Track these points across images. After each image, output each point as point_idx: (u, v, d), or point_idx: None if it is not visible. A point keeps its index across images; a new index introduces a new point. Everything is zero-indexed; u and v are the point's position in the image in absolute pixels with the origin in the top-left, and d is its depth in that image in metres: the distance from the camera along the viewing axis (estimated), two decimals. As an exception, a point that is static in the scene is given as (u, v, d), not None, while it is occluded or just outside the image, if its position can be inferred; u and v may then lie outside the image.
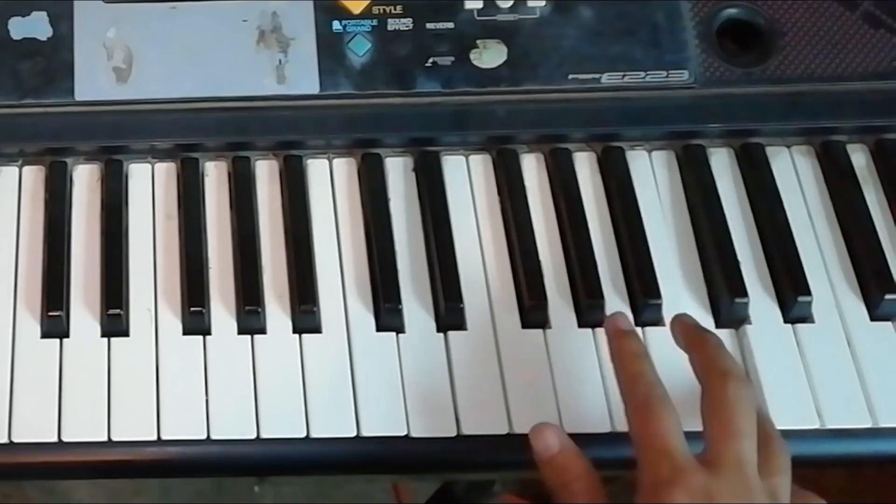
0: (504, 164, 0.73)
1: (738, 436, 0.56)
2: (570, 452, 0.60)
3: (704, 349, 0.60)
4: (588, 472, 0.59)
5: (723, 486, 0.55)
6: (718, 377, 0.58)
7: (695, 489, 0.55)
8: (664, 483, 0.55)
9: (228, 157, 0.73)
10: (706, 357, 0.60)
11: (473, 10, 0.74)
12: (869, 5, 0.75)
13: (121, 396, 0.64)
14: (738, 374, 0.58)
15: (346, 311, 0.68)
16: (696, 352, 0.61)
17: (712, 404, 0.57)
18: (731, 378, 0.58)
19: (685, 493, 0.55)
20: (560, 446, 0.60)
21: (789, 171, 0.74)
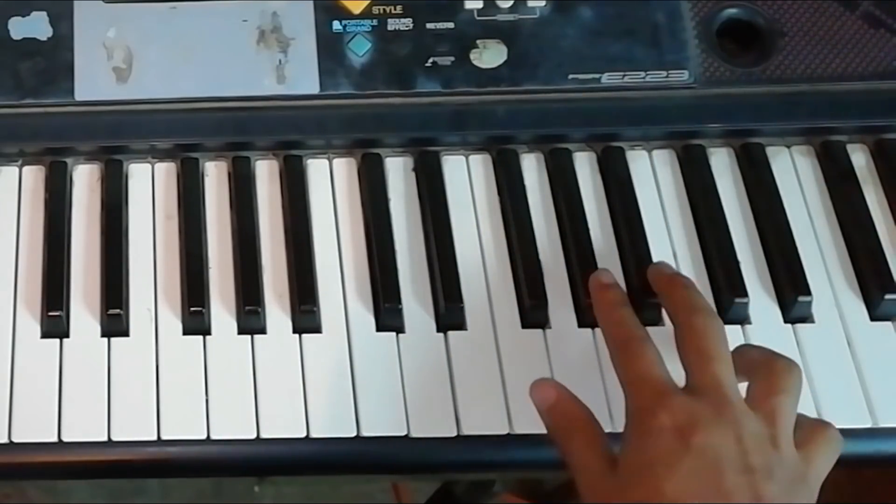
0: (504, 164, 0.73)
1: (711, 359, 0.58)
2: (567, 401, 0.61)
3: (675, 290, 0.64)
4: (587, 419, 0.61)
5: (703, 404, 0.57)
6: (687, 311, 0.61)
7: (677, 410, 0.56)
8: (648, 408, 0.57)
9: (228, 157, 0.73)
10: (676, 296, 0.63)
11: (473, 10, 0.74)
12: (869, 5, 0.75)
13: (121, 396, 0.64)
14: (705, 308, 0.61)
15: (346, 311, 0.68)
16: (667, 293, 0.64)
17: (684, 337, 0.60)
18: (699, 311, 0.61)
19: (668, 415, 0.56)
20: (558, 396, 0.62)
21: (789, 171, 0.74)
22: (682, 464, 0.55)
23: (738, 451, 0.55)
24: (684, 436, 0.55)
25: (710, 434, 0.55)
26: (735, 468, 0.54)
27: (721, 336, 0.60)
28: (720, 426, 0.55)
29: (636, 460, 0.56)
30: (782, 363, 0.60)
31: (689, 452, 0.55)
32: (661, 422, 0.56)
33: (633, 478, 0.56)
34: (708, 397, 0.57)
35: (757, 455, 0.55)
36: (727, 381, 0.58)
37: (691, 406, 0.56)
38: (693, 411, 0.56)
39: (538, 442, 0.64)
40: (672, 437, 0.55)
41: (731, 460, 0.55)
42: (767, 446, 0.56)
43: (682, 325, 0.61)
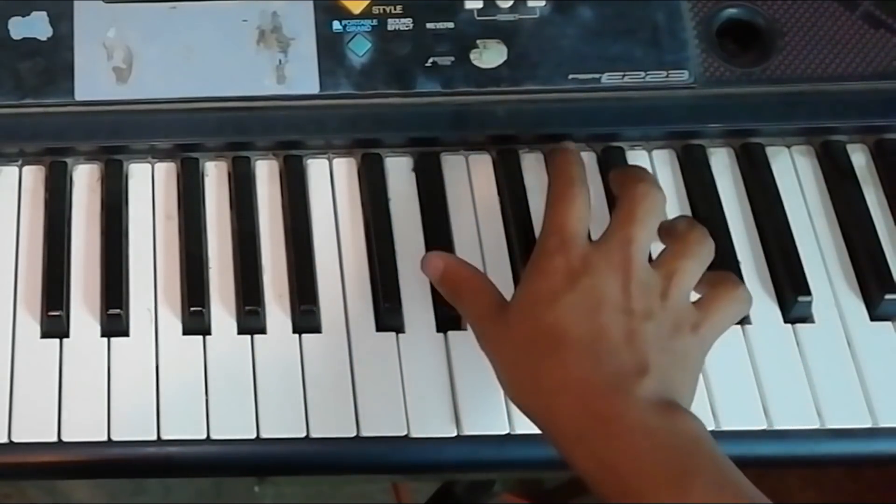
0: (504, 164, 0.73)
1: (632, 221, 0.60)
2: (454, 265, 0.65)
3: (628, 169, 0.66)
4: (473, 275, 0.64)
5: (602, 255, 0.59)
6: (631, 181, 0.62)
7: (574, 256, 0.59)
8: (547, 251, 0.60)
9: (228, 157, 0.73)
10: (625, 172, 0.64)
11: (473, 10, 0.74)
12: (869, 5, 0.75)
13: (121, 396, 0.64)
14: (650, 180, 0.62)
15: (346, 311, 0.68)
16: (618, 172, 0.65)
17: (619, 202, 0.62)
18: (643, 181, 0.62)
19: (564, 259, 0.59)
20: (445, 263, 0.64)
21: (789, 171, 0.74)
22: (565, 298, 0.58)
23: (622, 296, 0.58)
24: (573, 276, 0.58)
25: (597, 277, 0.58)
26: (614, 307, 0.57)
27: (656, 206, 0.61)
28: (610, 273, 0.58)
29: (524, 296, 0.60)
30: (697, 233, 0.62)
31: (573, 290, 0.58)
32: (555, 263, 0.59)
33: (518, 313, 0.59)
34: (612, 249, 0.59)
35: (639, 301, 0.58)
36: (639, 243, 0.59)
37: (590, 255, 0.59)
38: (589, 258, 0.59)
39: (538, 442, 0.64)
40: (561, 277, 0.58)
41: (612, 301, 0.57)
42: (654, 295, 0.58)
43: (622, 192, 0.62)
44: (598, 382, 0.56)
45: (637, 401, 0.55)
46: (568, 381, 0.57)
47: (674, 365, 0.57)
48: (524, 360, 0.59)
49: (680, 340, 0.58)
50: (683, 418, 0.55)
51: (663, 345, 0.57)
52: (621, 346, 0.57)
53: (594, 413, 0.55)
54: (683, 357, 0.58)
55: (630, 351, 0.56)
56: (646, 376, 0.56)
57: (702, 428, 0.55)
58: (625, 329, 0.57)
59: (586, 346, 0.57)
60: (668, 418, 0.55)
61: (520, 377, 0.59)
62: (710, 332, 0.59)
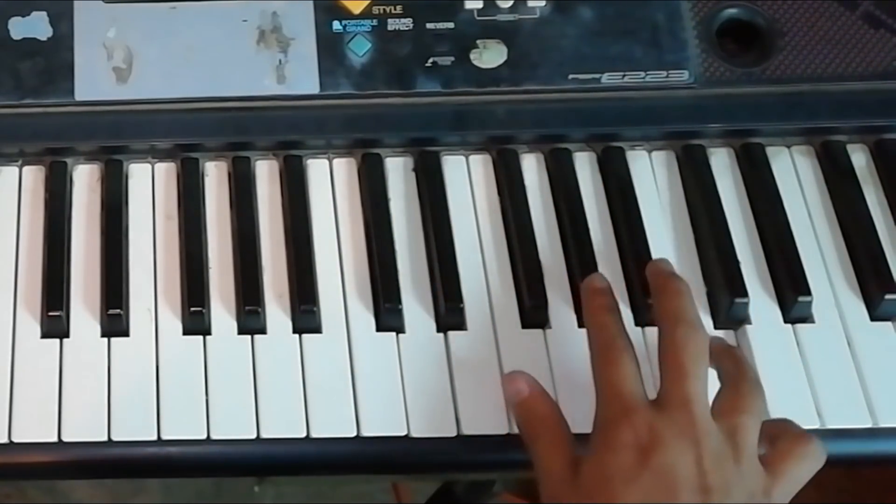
0: (504, 164, 0.73)
1: (685, 375, 0.58)
2: (538, 398, 0.62)
3: (667, 295, 0.63)
4: (555, 419, 0.61)
5: (667, 422, 0.57)
6: (671, 321, 0.60)
7: (640, 425, 0.57)
8: (613, 421, 0.58)
9: (228, 157, 0.73)
10: (666, 302, 0.62)
11: (473, 10, 0.74)
12: (869, 5, 0.75)
13: (121, 396, 0.64)
14: (689, 319, 0.60)
15: (346, 311, 0.68)
16: (659, 296, 0.63)
17: (664, 348, 0.60)
18: (682, 322, 0.60)
19: (630, 430, 0.57)
20: (530, 391, 0.62)
21: (789, 171, 0.74)
22: (640, 481, 0.55)
23: (696, 471, 0.55)
24: (645, 454, 0.56)
25: (669, 453, 0.56)
26: (691, 488, 0.55)
27: (700, 351, 0.59)
28: (681, 446, 0.56)
29: (597, 472, 0.57)
30: (749, 385, 0.60)
31: (647, 470, 0.55)
32: (624, 437, 0.57)
33: (591, 489, 0.57)
34: (674, 414, 0.57)
35: (715, 475, 0.55)
36: (696, 398, 0.57)
37: (656, 423, 0.57)
38: (656, 429, 0.56)
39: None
40: (633, 454, 0.56)
41: (688, 480, 0.55)
42: (728, 464, 0.56)
43: (664, 333, 0.60)
44: None
45: None
46: None
47: None
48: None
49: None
50: None
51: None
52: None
53: None
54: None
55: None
56: None
57: None
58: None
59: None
60: None
61: None
62: (781, 495, 0.58)
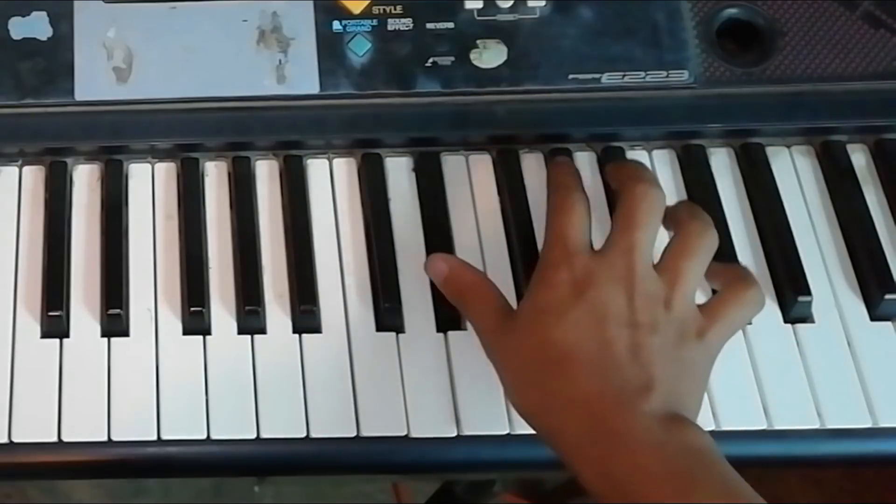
0: (504, 164, 0.73)
1: (634, 226, 0.60)
2: (459, 268, 0.65)
3: (624, 167, 0.65)
4: (479, 280, 0.64)
5: (606, 265, 0.59)
6: (631, 180, 0.62)
7: (578, 268, 0.59)
8: (552, 263, 0.60)
9: (228, 157, 0.73)
10: (624, 171, 0.64)
11: (473, 10, 0.74)
12: (869, 5, 0.75)
13: (121, 396, 0.64)
14: (648, 179, 0.63)
15: (346, 311, 0.68)
16: (618, 168, 0.66)
17: (619, 203, 0.62)
18: (644, 180, 0.62)
19: (568, 271, 0.59)
20: (450, 266, 0.65)
21: (789, 171, 0.74)
22: (571, 313, 0.58)
23: (627, 308, 0.58)
24: (578, 290, 0.58)
25: (602, 290, 0.58)
26: (619, 321, 0.57)
27: (655, 207, 0.61)
28: (615, 285, 0.58)
29: (530, 309, 0.60)
30: (697, 225, 0.61)
31: (579, 304, 0.58)
32: (560, 275, 0.59)
33: (524, 325, 0.59)
34: (615, 259, 0.59)
35: (644, 313, 0.58)
36: (640, 248, 0.59)
37: (594, 266, 0.59)
38: (594, 271, 0.59)
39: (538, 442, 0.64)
40: (567, 290, 0.59)
41: (617, 314, 0.58)
42: (658, 306, 0.58)
43: (622, 191, 0.62)
44: (604, 398, 0.56)
45: (643, 416, 0.55)
46: (575, 398, 0.57)
47: (680, 376, 0.57)
48: (530, 373, 0.59)
49: (685, 350, 0.58)
50: (689, 431, 0.55)
51: (669, 356, 0.57)
52: (627, 361, 0.57)
53: (601, 429, 0.56)
54: (690, 366, 0.58)
55: (636, 366, 0.57)
56: (652, 391, 0.56)
57: (708, 441, 0.55)
58: (630, 343, 0.57)
59: (592, 362, 0.57)
60: (675, 432, 0.55)
61: (525, 389, 0.59)
62: (716, 337, 0.59)
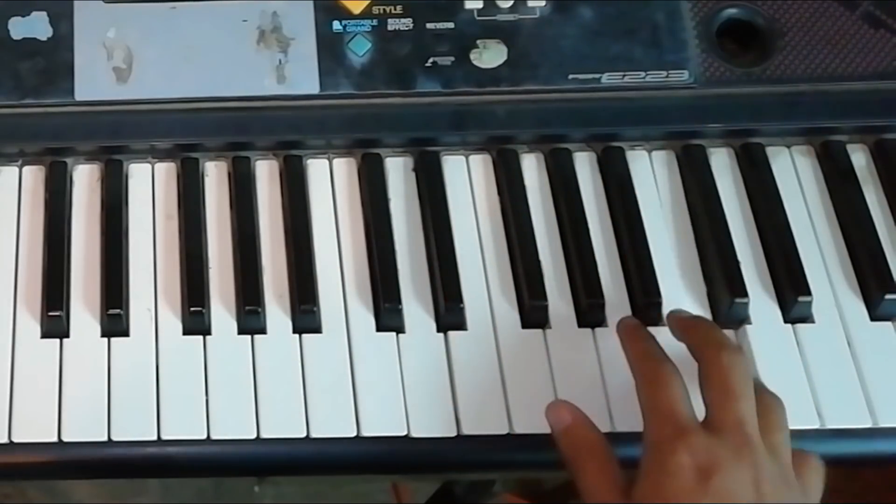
0: (504, 164, 0.73)
1: (736, 398, 0.58)
2: (582, 425, 0.62)
3: (698, 329, 0.63)
4: (601, 445, 0.60)
5: (724, 445, 0.56)
6: (712, 348, 0.60)
7: (697, 448, 0.56)
8: (667, 441, 0.57)
9: (228, 157, 0.73)
10: (700, 334, 0.62)
11: (473, 10, 0.74)
12: (869, 5, 0.75)
13: (121, 396, 0.64)
14: (730, 345, 0.61)
15: (346, 311, 0.68)
16: (690, 334, 0.63)
17: (708, 374, 0.59)
18: (725, 348, 0.60)
19: (687, 451, 0.56)
20: (573, 419, 0.62)
21: (789, 171, 0.74)
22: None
23: (755, 494, 0.55)
24: (703, 477, 0.55)
25: (728, 476, 0.55)
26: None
27: (745, 374, 0.59)
28: (739, 468, 0.55)
29: (652, 496, 0.56)
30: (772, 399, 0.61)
31: (705, 494, 0.55)
32: (680, 460, 0.56)
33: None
34: (728, 437, 0.56)
35: (772, 498, 0.55)
36: (748, 419, 0.57)
37: (712, 446, 0.56)
38: (713, 451, 0.56)
39: (538, 442, 0.64)
40: (690, 478, 0.55)
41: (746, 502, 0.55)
42: (782, 487, 0.56)
43: (706, 360, 0.60)
44: None
45: None
46: None
47: None
48: None
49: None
50: None
51: None
52: None
53: None
54: None
55: None
56: None
57: None
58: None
59: None
60: None
61: None
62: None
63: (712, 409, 0.58)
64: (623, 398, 0.60)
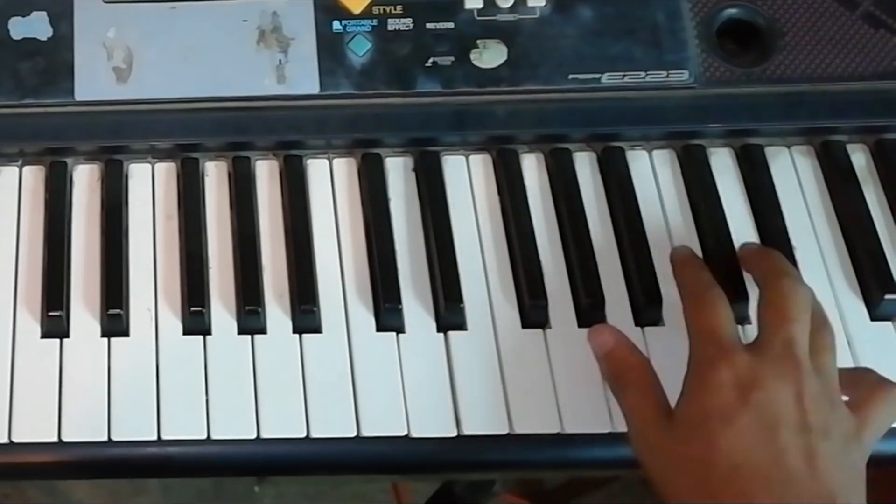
0: (504, 164, 0.73)
1: (789, 320, 0.58)
2: (624, 348, 0.62)
3: (764, 259, 0.64)
4: (643, 366, 0.61)
5: (768, 362, 0.56)
6: (775, 276, 0.61)
7: (738, 365, 0.56)
8: (710, 360, 0.57)
9: (228, 157, 0.73)
10: (766, 264, 0.63)
11: (473, 10, 0.74)
12: (869, 5, 0.75)
13: (121, 396, 0.64)
14: (794, 274, 0.61)
15: (346, 311, 0.68)
16: (756, 264, 0.64)
17: (767, 298, 0.60)
18: (787, 275, 0.61)
19: (730, 370, 0.56)
20: (616, 342, 0.63)
21: (789, 171, 0.74)
22: (739, 419, 0.55)
23: (797, 409, 0.55)
24: (744, 391, 0.55)
25: (769, 391, 0.55)
26: (792, 426, 0.55)
27: (804, 300, 0.59)
28: (781, 384, 0.56)
29: (693, 413, 0.56)
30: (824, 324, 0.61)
31: (746, 408, 0.55)
32: (721, 376, 0.56)
33: (687, 430, 0.56)
34: (774, 354, 0.57)
35: (816, 414, 0.55)
36: (799, 341, 0.57)
37: (754, 363, 0.56)
38: (755, 368, 0.56)
39: (538, 442, 0.64)
40: (731, 392, 0.55)
41: (788, 418, 0.55)
42: (826, 406, 0.56)
43: (768, 285, 0.61)
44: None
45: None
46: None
47: (853, 483, 0.55)
48: (695, 485, 0.55)
49: (852, 454, 0.56)
50: None
51: (842, 463, 0.55)
52: (805, 474, 0.54)
53: None
54: (857, 472, 0.56)
55: (814, 476, 0.54)
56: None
57: None
58: (805, 452, 0.54)
59: (767, 476, 0.54)
60: None
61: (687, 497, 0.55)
62: (871, 438, 0.57)
63: (764, 329, 0.59)
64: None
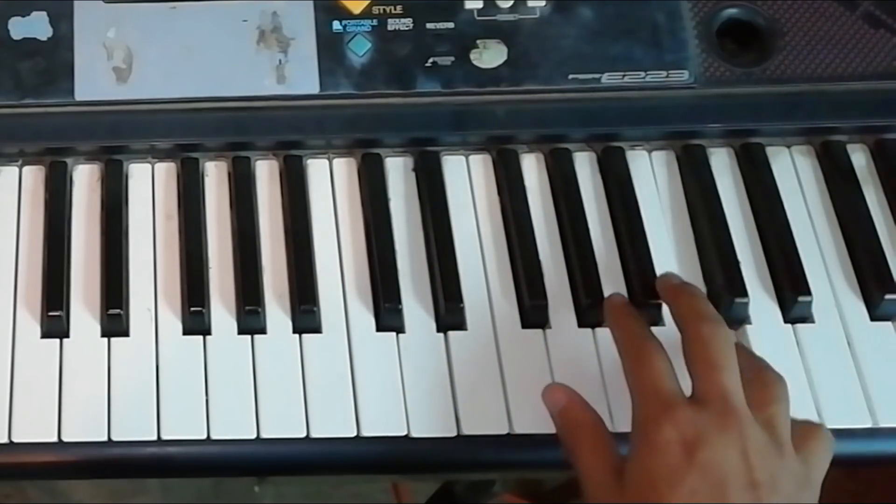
0: (504, 164, 0.73)
1: (718, 369, 0.58)
2: (577, 406, 0.62)
3: (682, 298, 0.63)
4: (595, 425, 0.61)
5: (709, 417, 0.56)
6: (694, 320, 0.60)
7: (683, 422, 0.56)
8: (653, 419, 0.57)
9: (228, 157, 0.73)
10: (684, 304, 0.62)
11: (473, 10, 0.74)
12: (869, 5, 0.75)
13: (121, 396, 0.64)
14: (712, 316, 0.61)
15: (346, 311, 0.68)
16: (675, 302, 0.63)
17: (691, 346, 0.60)
18: (706, 319, 0.60)
19: (673, 427, 0.56)
20: (568, 400, 0.62)
21: (789, 171, 0.74)
22: (686, 481, 0.54)
23: (743, 466, 0.54)
24: (689, 451, 0.55)
25: (714, 449, 0.55)
26: (740, 484, 0.54)
27: (728, 345, 0.59)
28: (725, 440, 0.55)
29: (641, 474, 0.56)
30: (772, 374, 0.60)
31: (693, 469, 0.54)
32: (666, 435, 0.56)
33: (636, 492, 0.56)
34: (713, 408, 0.56)
35: (762, 469, 0.54)
36: (733, 390, 0.57)
37: (697, 419, 0.56)
38: (698, 424, 0.56)
39: (538, 442, 0.64)
40: (677, 453, 0.55)
41: (736, 476, 0.54)
42: (772, 457, 0.55)
43: (688, 333, 0.60)
44: None
45: None
46: None
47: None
48: None
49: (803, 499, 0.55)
50: None
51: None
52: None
53: None
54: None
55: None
56: None
57: None
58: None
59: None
60: None
61: None
62: (817, 482, 0.57)
63: (696, 381, 0.58)
64: (623, 398, 0.60)
